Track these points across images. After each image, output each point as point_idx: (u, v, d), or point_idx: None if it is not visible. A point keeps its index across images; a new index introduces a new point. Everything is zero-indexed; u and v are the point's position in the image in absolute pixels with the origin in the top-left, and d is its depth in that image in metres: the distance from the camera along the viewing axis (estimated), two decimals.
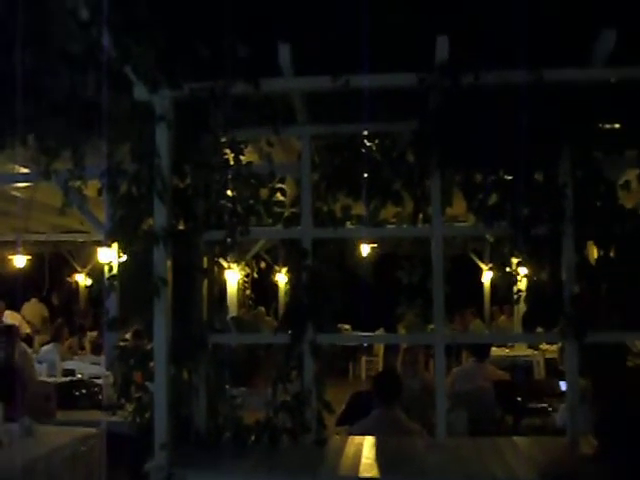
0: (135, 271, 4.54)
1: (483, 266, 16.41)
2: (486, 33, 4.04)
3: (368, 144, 4.65)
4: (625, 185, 4.55)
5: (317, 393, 4.52)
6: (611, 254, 4.53)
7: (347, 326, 16.08)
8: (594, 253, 4.60)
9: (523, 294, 4.93)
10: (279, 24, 4.12)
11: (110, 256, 5.22)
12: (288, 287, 10.47)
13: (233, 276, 13.18)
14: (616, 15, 3.94)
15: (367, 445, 4.48)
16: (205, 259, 4.73)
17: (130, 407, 4.64)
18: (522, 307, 12.04)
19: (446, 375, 7.96)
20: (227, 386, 4.83)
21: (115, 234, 4.61)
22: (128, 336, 7.45)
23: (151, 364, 4.34)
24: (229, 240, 4.61)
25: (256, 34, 4.17)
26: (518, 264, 4.68)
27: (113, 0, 3.89)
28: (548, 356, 11.59)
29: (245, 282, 13.94)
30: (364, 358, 16.15)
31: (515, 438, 4.94)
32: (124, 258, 4.62)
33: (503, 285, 5.02)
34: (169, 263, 4.31)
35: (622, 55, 4.09)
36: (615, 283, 4.53)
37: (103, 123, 4.34)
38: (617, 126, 4.52)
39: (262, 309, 14.78)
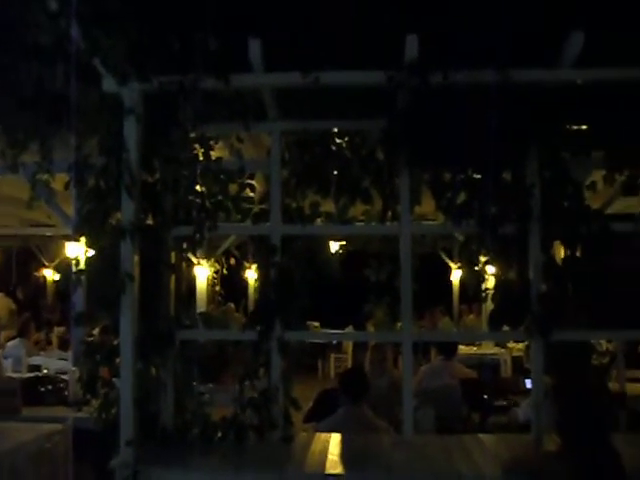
0: (102, 266, 4.50)
1: (452, 264, 16.53)
2: (456, 33, 4.06)
3: (338, 141, 4.65)
4: (591, 186, 4.61)
5: (284, 390, 4.52)
6: (577, 254, 4.59)
7: (316, 323, 16.09)
8: (561, 252, 4.65)
9: (491, 292, 4.96)
10: (250, 19, 4.11)
11: (78, 250, 5.16)
12: (258, 284, 10.45)
13: (202, 272, 13.11)
14: (584, 18, 3.98)
15: (333, 442, 4.49)
16: (173, 254, 4.70)
17: (96, 403, 4.60)
18: (490, 305, 12.12)
19: (414, 373, 8.07)
20: (195, 382, 4.80)
21: (82, 228, 4.57)
22: (96, 331, 7.38)
23: (118, 360, 4.31)
24: (197, 236, 4.59)
25: (227, 29, 4.14)
26: (486, 263, 4.71)
27: None
28: (515, 354, 11.69)
29: (214, 278, 13.86)
30: (333, 355, 16.19)
31: (481, 435, 4.97)
32: (91, 253, 4.58)
33: (471, 283, 5.06)
34: (136, 258, 4.27)
35: (590, 57, 4.14)
36: (581, 282, 4.58)
37: (71, 116, 4.28)
38: (584, 127, 4.56)
39: (231, 305, 14.72)
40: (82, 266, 4.62)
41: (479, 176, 4.43)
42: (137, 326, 4.29)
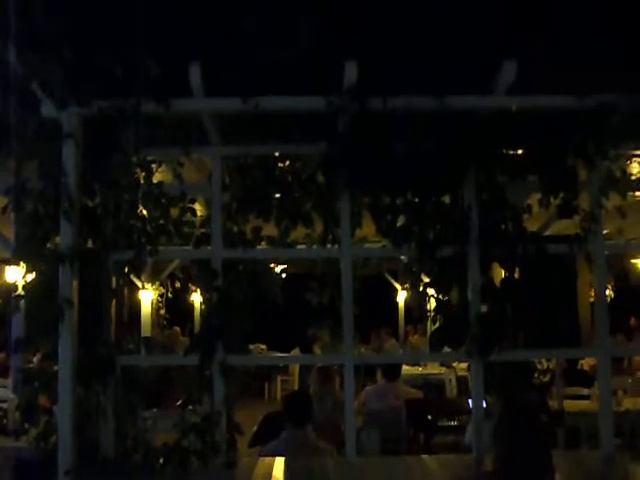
0: (41, 291, 4.44)
1: (398, 286, 16.64)
2: (395, 60, 4.14)
3: (279, 165, 4.67)
4: (527, 209, 4.71)
5: (227, 414, 4.49)
6: (515, 275, 4.69)
7: (263, 345, 16.04)
8: (501, 274, 4.74)
9: (431, 314, 5.03)
10: (191, 44, 4.13)
11: (17, 275, 5.08)
12: (203, 307, 10.38)
13: (147, 296, 12.99)
14: (517, 47, 4.10)
15: (277, 466, 4.47)
16: (114, 279, 4.65)
17: (35, 432, 4.51)
18: (433, 326, 12.27)
19: (359, 394, 8.10)
20: (137, 408, 4.74)
21: (21, 253, 4.51)
22: (36, 358, 7.24)
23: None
24: (138, 260, 4.56)
25: (168, 54, 4.16)
26: (426, 285, 4.78)
27: (19, 16, 3.83)
28: (460, 374, 11.81)
29: (159, 302, 13.74)
30: (279, 377, 16.11)
31: (424, 456, 5.01)
32: (31, 277, 4.52)
33: (415, 305, 5.11)
34: (75, 283, 4.23)
35: (523, 85, 4.26)
36: (519, 303, 4.67)
37: (11, 140, 4.25)
38: (520, 152, 4.67)
39: (177, 329, 14.60)
40: (21, 291, 4.55)
41: (418, 199, 4.51)
42: (77, 352, 4.25)
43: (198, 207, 4.86)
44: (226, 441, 4.47)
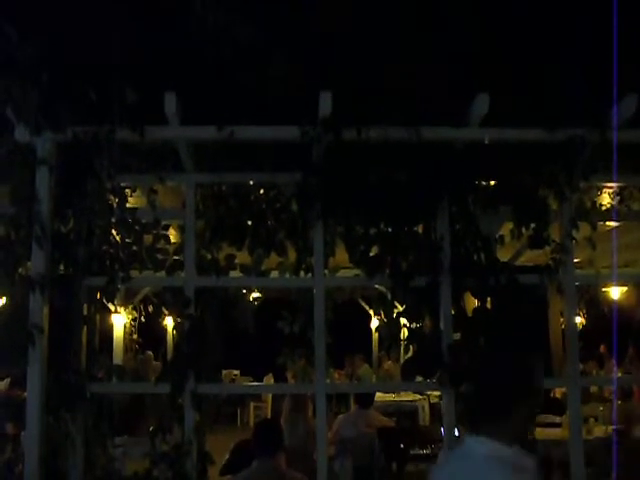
0: (11, 317, 4.40)
1: (371, 312, 16.63)
2: (370, 91, 4.19)
3: (253, 193, 4.68)
4: (499, 239, 4.75)
5: (198, 443, 4.45)
6: (487, 305, 4.71)
7: (236, 372, 15.93)
8: (473, 303, 4.76)
9: (404, 343, 5.04)
10: (166, 73, 4.15)
11: None
12: (175, 332, 10.31)
13: (119, 320, 12.85)
14: (489, 81, 4.16)
15: None
16: (85, 305, 4.61)
17: (1, 461, 4.45)
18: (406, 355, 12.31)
19: (332, 422, 8.05)
20: (107, 436, 4.68)
21: None
22: (4, 385, 7.15)
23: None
24: (110, 286, 4.53)
25: (144, 82, 4.17)
26: (399, 314, 4.78)
27: None
28: (433, 401, 11.78)
29: (132, 326, 13.59)
30: (252, 404, 15.98)
31: None
32: (1, 303, 4.48)
33: (387, 333, 5.11)
34: (46, 309, 4.20)
35: (496, 118, 4.32)
36: (491, 332, 4.69)
37: None
38: (492, 183, 4.72)
39: (150, 353, 14.42)
40: None
41: (391, 229, 4.54)
42: (46, 379, 4.19)
43: (172, 233, 4.85)
44: (196, 470, 4.43)
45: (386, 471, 8.04)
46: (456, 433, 4.56)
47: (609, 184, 4.91)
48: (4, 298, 4.57)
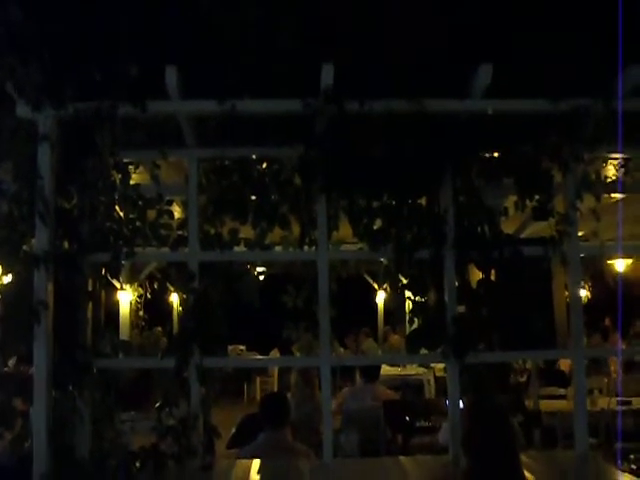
0: (16, 294, 4.41)
1: (376, 286, 16.67)
2: (372, 63, 4.15)
3: (256, 168, 4.67)
4: (503, 211, 4.75)
5: (204, 417, 4.48)
6: (492, 277, 4.72)
7: (242, 346, 16.00)
8: (478, 276, 4.76)
9: (409, 315, 5.06)
10: (167, 47, 4.12)
11: None
12: (180, 308, 10.35)
13: (125, 297, 12.91)
14: (493, 50, 4.12)
15: (254, 469, 4.47)
16: (90, 281, 4.63)
17: (10, 436, 4.48)
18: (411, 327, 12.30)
19: (337, 395, 8.11)
20: (114, 411, 4.71)
21: None
22: (12, 362, 7.19)
23: None
24: (115, 262, 4.54)
25: (145, 56, 4.15)
26: (404, 287, 4.79)
27: None
28: (439, 374, 11.83)
29: (138, 303, 13.65)
30: (259, 378, 16.09)
31: (401, 457, 5.03)
32: (6, 280, 4.49)
33: (393, 306, 5.12)
34: (50, 286, 4.21)
35: (499, 88, 4.29)
36: (495, 305, 4.70)
37: None
38: (496, 155, 4.70)
39: (159, 329, 14.50)
40: None
41: (395, 202, 4.53)
42: (52, 355, 4.22)
43: (175, 209, 4.85)
44: (203, 444, 4.46)
45: (392, 444, 8.10)
46: (460, 405, 4.58)
47: (614, 155, 4.88)
48: (9, 275, 4.58)
